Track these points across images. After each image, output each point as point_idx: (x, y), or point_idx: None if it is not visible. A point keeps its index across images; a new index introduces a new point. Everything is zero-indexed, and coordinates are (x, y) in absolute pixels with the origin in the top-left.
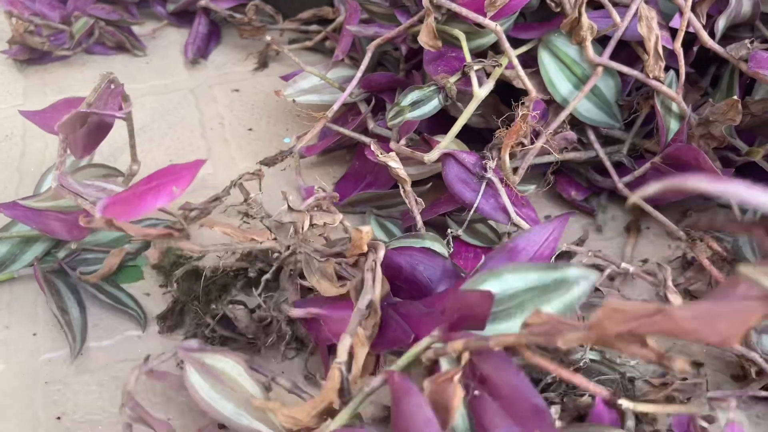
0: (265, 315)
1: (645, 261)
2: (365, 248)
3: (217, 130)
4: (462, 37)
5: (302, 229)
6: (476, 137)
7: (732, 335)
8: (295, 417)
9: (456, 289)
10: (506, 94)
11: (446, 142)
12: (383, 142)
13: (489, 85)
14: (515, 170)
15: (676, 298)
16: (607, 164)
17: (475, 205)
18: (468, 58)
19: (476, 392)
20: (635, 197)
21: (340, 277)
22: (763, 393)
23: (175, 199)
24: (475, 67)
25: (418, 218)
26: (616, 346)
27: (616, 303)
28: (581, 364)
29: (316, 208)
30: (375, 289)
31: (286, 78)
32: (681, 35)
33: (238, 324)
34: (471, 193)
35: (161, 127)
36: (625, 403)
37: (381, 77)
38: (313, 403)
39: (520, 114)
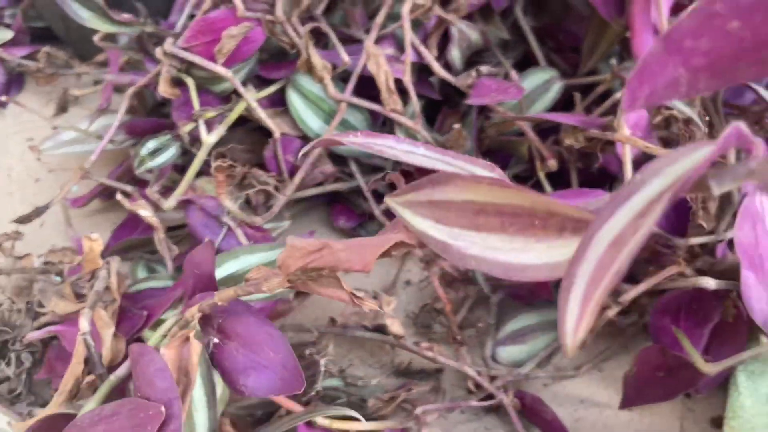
0: (14, 387)
1: (407, 282)
2: (99, 261)
3: (2, 183)
4: (191, 84)
5: (32, 264)
6: None
7: (369, 261)
8: (46, 413)
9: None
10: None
11: (181, 190)
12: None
13: (219, 131)
14: (269, 208)
15: (392, 323)
16: (367, 193)
17: (216, 246)
18: (196, 106)
19: (215, 340)
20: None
21: (79, 297)
22: (476, 404)
23: None
24: (209, 114)
25: (169, 263)
26: (315, 290)
27: (294, 240)
28: (314, 392)
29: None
30: (111, 279)
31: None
32: (408, 69)
33: None
34: (214, 236)
35: None
36: (320, 420)
37: (144, 123)
38: (60, 387)
39: (214, 166)
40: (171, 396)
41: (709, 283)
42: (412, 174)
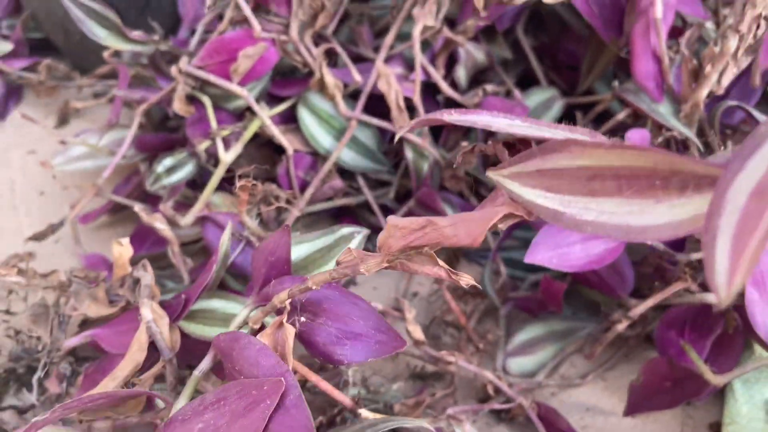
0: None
1: (415, 294)
2: (128, 267)
3: (6, 196)
4: (208, 102)
5: (60, 279)
6: None
7: (478, 234)
8: (103, 389)
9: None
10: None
11: (199, 206)
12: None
13: (236, 149)
14: (279, 222)
15: (414, 329)
16: (375, 207)
17: (231, 260)
18: (213, 124)
19: (302, 319)
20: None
21: (111, 302)
22: (499, 406)
23: None
24: (225, 132)
25: (185, 276)
26: (413, 268)
27: (396, 220)
28: (352, 397)
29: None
30: (149, 277)
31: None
32: (417, 88)
33: (6, 427)
34: (231, 251)
35: None
36: (364, 412)
37: (154, 138)
38: (115, 372)
39: (238, 186)
40: (282, 369)
41: (714, 299)
42: (513, 145)
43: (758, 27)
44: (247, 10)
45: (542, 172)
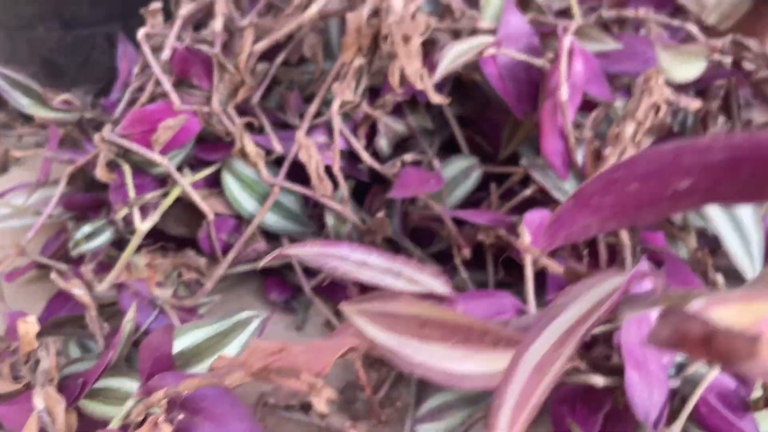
0: None
1: None
2: (34, 343)
3: None
4: (128, 171)
5: None
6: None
7: (326, 364)
8: None
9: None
10: None
11: (114, 275)
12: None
13: (153, 219)
14: (201, 286)
15: (318, 401)
16: (298, 269)
17: (143, 328)
18: (131, 193)
19: (180, 417)
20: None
21: (15, 379)
22: None
23: None
24: (141, 202)
25: (100, 341)
26: (275, 381)
27: (258, 342)
28: None
29: None
30: (50, 360)
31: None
32: (337, 158)
33: None
34: (145, 317)
35: None
36: None
37: (82, 198)
38: None
39: (145, 264)
40: None
41: (598, 381)
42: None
43: (657, 112)
44: (167, 85)
45: (384, 314)
